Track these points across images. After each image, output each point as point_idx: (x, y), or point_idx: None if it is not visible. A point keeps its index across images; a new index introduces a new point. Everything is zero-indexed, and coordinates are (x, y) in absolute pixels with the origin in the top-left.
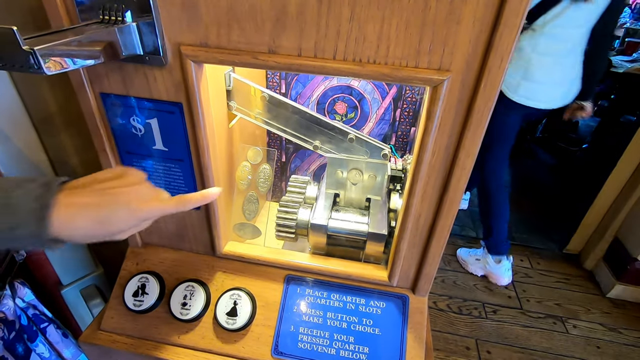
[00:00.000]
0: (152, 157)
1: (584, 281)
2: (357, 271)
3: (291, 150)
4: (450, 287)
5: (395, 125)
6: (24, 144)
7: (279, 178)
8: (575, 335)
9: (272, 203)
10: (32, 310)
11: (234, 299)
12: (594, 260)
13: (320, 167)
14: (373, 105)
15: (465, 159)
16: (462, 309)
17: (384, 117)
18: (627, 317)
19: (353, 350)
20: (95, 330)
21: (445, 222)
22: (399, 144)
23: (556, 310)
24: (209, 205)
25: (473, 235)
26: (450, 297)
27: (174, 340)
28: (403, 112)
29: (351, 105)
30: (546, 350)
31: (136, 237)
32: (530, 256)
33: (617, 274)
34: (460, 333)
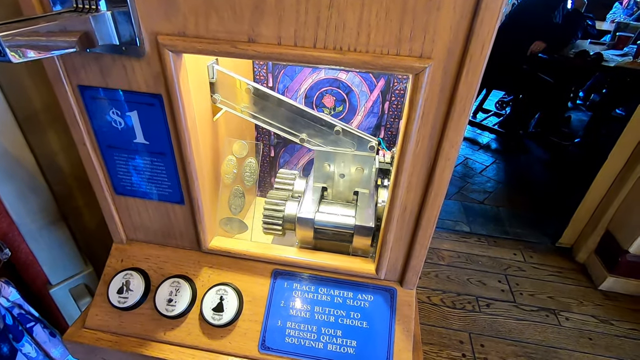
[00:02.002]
0: (133, 151)
1: (576, 274)
2: (345, 265)
3: (280, 145)
4: (443, 282)
5: (384, 118)
6: (8, 143)
7: (268, 173)
8: (568, 328)
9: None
10: (17, 309)
11: (220, 294)
12: (586, 253)
13: (309, 162)
14: (361, 99)
15: (450, 149)
16: (455, 303)
17: (373, 110)
18: (619, 308)
19: (341, 344)
20: (80, 328)
21: (431, 213)
22: (388, 137)
23: (549, 303)
24: (193, 200)
25: (467, 230)
26: (443, 291)
27: (160, 337)
28: (391, 105)
29: (339, 99)
30: (539, 342)
31: (120, 234)
32: (523, 250)
33: (608, 266)
34: (453, 327)
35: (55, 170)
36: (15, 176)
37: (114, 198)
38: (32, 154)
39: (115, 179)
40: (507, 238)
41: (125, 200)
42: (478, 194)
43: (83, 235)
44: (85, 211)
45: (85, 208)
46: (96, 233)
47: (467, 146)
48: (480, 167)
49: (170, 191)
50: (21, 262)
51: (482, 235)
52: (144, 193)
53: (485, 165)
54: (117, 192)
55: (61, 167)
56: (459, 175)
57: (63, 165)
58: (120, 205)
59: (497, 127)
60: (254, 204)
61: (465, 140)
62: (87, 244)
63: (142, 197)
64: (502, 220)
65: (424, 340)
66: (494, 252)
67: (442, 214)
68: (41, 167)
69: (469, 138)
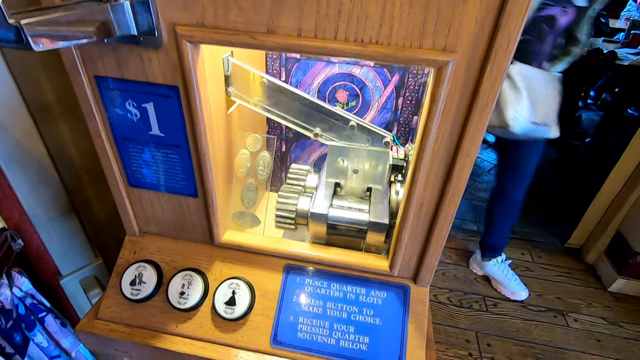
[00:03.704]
0: (148, 143)
1: (585, 275)
2: (358, 261)
3: (291, 139)
4: (451, 280)
5: (398, 114)
6: (21, 134)
7: (279, 168)
8: (576, 329)
9: (272, 193)
10: (30, 299)
11: (233, 288)
12: (595, 254)
13: (321, 157)
14: (375, 94)
15: (470, 146)
16: (462, 302)
17: (386, 106)
18: (628, 311)
19: (353, 340)
20: (93, 320)
21: (448, 211)
22: (401, 133)
23: (557, 303)
24: (207, 194)
25: (474, 229)
26: (450, 290)
27: (172, 329)
28: (405, 100)
29: (352, 94)
30: (546, 343)
31: (133, 226)
32: (531, 250)
33: (618, 268)
34: (460, 326)
35: (66, 162)
36: (27, 167)
37: (128, 190)
38: (44, 145)
39: (130, 170)
40: (515, 238)
41: (138, 192)
42: (486, 192)
43: (93, 227)
44: (96, 203)
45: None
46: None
47: None
48: (488, 166)
49: (184, 184)
50: (32, 253)
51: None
52: (157, 185)
53: (493, 164)
54: (131, 184)
55: (72, 159)
56: None
57: (74, 157)
58: (133, 197)
59: None
60: (266, 199)
61: None
62: (97, 236)
63: (155, 189)
64: None
65: None
66: None
67: None
68: (52, 158)
69: None
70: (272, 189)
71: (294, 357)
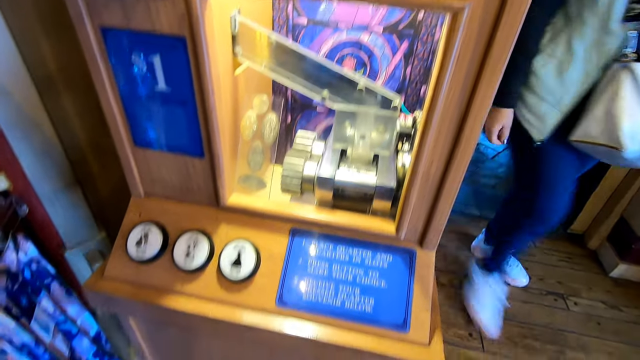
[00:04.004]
0: (154, 99)
1: (587, 260)
2: (364, 224)
3: (297, 110)
4: (451, 263)
5: (406, 83)
6: (25, 102)
7: (284, 139)
8: (576, 312)
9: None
10: (35, 265)
11: (239, 249)
12: (598, 240)
13: (327, 129)
14: (383, 62)
15: (482, 101)
16: (463, 284)
17: (394, 75)
18: (629, 295)
19: (358, 301)
20: (99, 279)
21: (457, 170)
22: (409, 104)
23: (558, 287)
24: (214, 154)
25: (476, 213)
26: (451, 272)
27: (178, 289)
28: (414, 69)
29: (360, 62)
30: (546, 325)
31: (139, 187)
32: None
33: (620, 253)
34: (461, 307)
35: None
36: (31, 136)
37: (134, 150)
38: (48, 116)
39: (135, 129)
40: None
41: (144, 152)
42: (489, 178)
43: (96, 202)
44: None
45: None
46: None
47: None
48: (492, 153)
49: (190, 143)
50: (37, 224)
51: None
52: (163, 145)
53: (497, 151)
54: (137, 143)
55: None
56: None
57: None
58: (139, 157)
59: None
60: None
61: None
62: (100, 211)
63: (161, 149)
64: None
65: None
66: None
67: None
68: (56, 130)
69: None
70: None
71: (299, 317)
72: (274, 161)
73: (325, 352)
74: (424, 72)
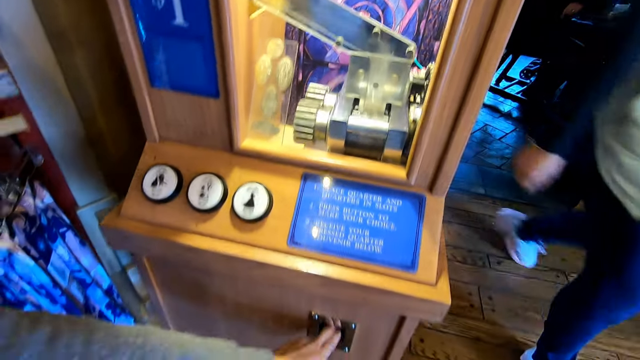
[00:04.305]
0: (171, 34)
1: None
2: (375, 169)
3: (308, 67)
4: (455, 238)
5: (419, 39)
6: (39, 57)
7: (295, 98)
8: None
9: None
10: (51, 212)
11: (252, 191)
12: None
13: (338, 85)
14: (397, 16)
15: (500, 33)
16: (466, 258)
17: (408, 29)
18: None
19: (368, 243)
20: (116, 217)
21: (471, 110)
22: (422, 60)
23: (560, 264)
24: (229, 93)
25: (482, 192)
26: (455, 247)
27: (192, 229)
28: (428, 24)
29: (374, 15)
30: (547, 300)
31: (154, 131)
32: (538, 214)
33: None
34: (463, 280)
35: (82, 93)
36: (45, 91)
37: (150, 91)
38: (62, 72)
39: (152, 68)
40: (522, 202)
41: (159, 93)
42: (495, 159)
43: (107, 163)
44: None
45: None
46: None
47: (487, 113)
48: (499, 134)
49: (205, 82)
50: (51, 181)
51: (497, 198)
52: (179, 85)
53: (505, 132)
54: (153, 84)
55: (87, 91)
56: (477, 141)
57: (89, 89)
58: (154, 99)
59: (520, 95)
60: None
61: (485, 107)
62: (110, 174)
63: (177, 89)
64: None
65: None
66: None
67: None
68: (69, 88)
69: (489, 105)
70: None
71: (309, 256)
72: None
73: (334, 290)
74: (439, 26)
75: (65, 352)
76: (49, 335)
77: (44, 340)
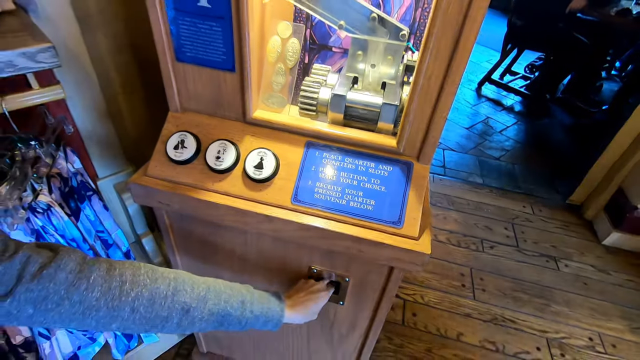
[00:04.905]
0: (196, 14)
1: (582, 229)
2: (370, 138)
3: (314, 51)
4: (451, 224)
5: (415, 26)
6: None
7: (301, 80)
8: (566, 273)
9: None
10: (80, 176)
11: (261, 155)
12: (594, 210)
13: (340, 68)
14: (395, 4)
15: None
16: (460, 242)
17: (405, 17)
18: (619, 262)
19: (361, 202)
20: (142, 175)
21: (452, 82)
22: (417, 45)
23: (551, 251)
24: (244, 67)
25: (479, 182)
26: (450, 231)
27: (209, 187)
28: (423, 13)
29: (375, 3)
30: (536, 282)
31: (176, 102)
32: (533, 204)
33: (615, 222)
34: (457, 262)
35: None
36: (72, 67)
37: (174, 65)
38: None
39: (177, 44)
40: (518, 192)
41: (183, 67)
42: (495, 150)
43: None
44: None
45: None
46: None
47: (490, 106)
48: (500, 127)
49: (224, 58)
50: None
51: (494, 187)
52: (200, 60)
53: (507, 125)
54: (178, 59)
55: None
56: (478, 133)
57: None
58: (178, 73)
59: (523, 90)
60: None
61: (488, 101)
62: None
63: (198, 63)
64: (515, 176)
65: (428, 270)
66: (504, 202)
67: (456, 165)
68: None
69: (492, 99)
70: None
71: (310, 213)
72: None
73: (331, 242)
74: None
75: (119, 278)
76: (106, 267)
77: (105, 268)
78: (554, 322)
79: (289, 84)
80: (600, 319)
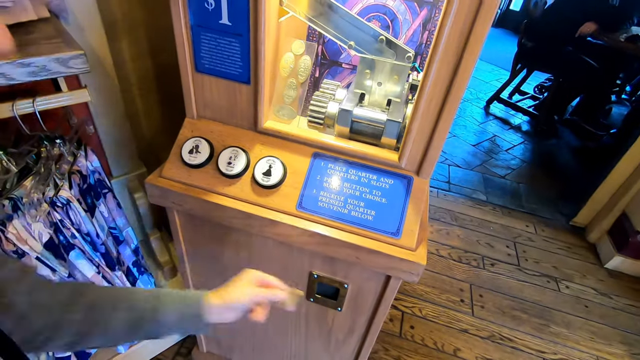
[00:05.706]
0: (217, 31)
1: (585, 251)
2: (373, 152)
3: (325, 66)
4: (453, 239)
5: (422, 48)
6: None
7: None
8: (566, 294)
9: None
10: (97, 175)
11: (270, 163)
12: (598, 233)
13: (349, 84)
14: (404, 26)
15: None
16: (462, 258)
17: (412, 39)
18: (621, 286)
19: (362, 212)
20: (158, 177)
21: (452, 106)
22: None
23: (552, 271)
24: (258, 81)
25: (483, 199)
26: (452, 247)
27: (219, 190)
28: (430, 35)
29: (384, 25)
30: (536, 302)
31: (193, 109)
32: (536, 224)
33: (618, 246)
34: (456, 277)
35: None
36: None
37: (194, 75)
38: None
39: (198, 56)
40: (522, 211)
41: (201, 77)
42: (501, 169)
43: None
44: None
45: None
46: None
47: (498, 125)
48: (507, 146)
49: (240, 71)
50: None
51: (497, 205)
52: (218, 71)
53: (513, 144)
54: (197, 69)
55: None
56: (484, 150)
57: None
58: (197, 82)
59: (532, 110)
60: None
61: (496, 119)
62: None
63: (216, 75)
64: (520, 195)
65: (427, 284)
66: (507, 221)
67: (461, 181)
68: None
69: (500, 117)
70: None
71: (313, 220)
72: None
73: (332, 249)
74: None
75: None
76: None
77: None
78: (552, 343)
79: (299, 97)
80: (600, 342)
